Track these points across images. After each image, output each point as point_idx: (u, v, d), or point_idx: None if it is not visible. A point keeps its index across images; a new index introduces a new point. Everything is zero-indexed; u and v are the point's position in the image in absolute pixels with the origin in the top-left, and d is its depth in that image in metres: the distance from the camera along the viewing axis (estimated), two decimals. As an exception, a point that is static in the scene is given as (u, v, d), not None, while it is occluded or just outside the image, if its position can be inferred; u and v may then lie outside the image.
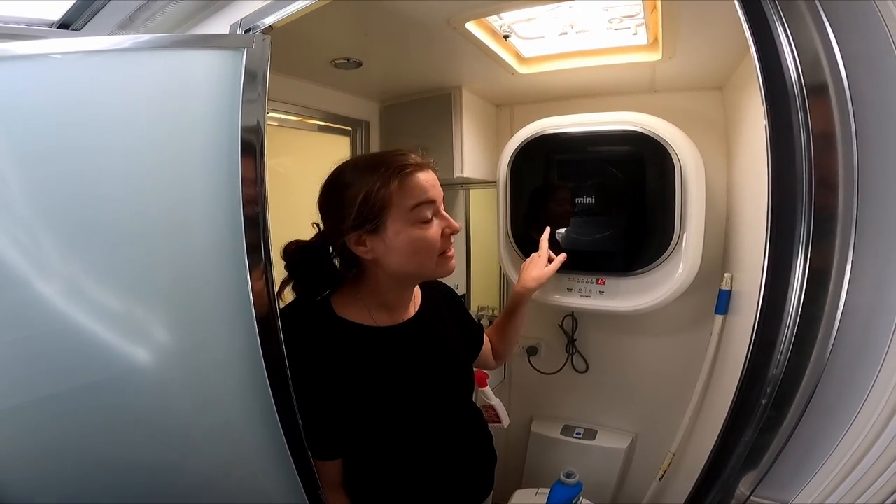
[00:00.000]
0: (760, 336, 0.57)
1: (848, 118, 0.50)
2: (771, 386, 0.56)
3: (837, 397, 0.53)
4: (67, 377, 0.77)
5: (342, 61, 1.44)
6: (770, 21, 0.56)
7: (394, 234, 0.84)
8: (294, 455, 0.81)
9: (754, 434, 0.58)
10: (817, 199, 0.52)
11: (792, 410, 0.55)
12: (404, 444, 0.90)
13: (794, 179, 0.53)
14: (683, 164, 1.35)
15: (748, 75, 1.30)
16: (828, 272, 0.52)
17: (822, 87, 0.53)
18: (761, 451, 0.59)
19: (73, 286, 0.77)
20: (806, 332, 0.53)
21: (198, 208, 0.78)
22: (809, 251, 0.52)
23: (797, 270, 0.53)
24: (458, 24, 1.21)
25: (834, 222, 0.51)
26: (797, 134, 0.53)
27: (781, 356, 0.55)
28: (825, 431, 0.55)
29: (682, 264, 1.39)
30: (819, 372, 0.53)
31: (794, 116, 0.53)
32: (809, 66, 0.53)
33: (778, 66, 0.55)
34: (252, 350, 0.77)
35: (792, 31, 0.54)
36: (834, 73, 0.52)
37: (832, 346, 0.52)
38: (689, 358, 1.60)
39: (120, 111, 0.78)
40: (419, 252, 0.85)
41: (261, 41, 0.83)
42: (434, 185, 0.86)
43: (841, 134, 0.51)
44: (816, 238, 0.52)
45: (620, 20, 1.28)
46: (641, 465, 1.80)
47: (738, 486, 0.63)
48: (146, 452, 0.81)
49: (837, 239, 0.51)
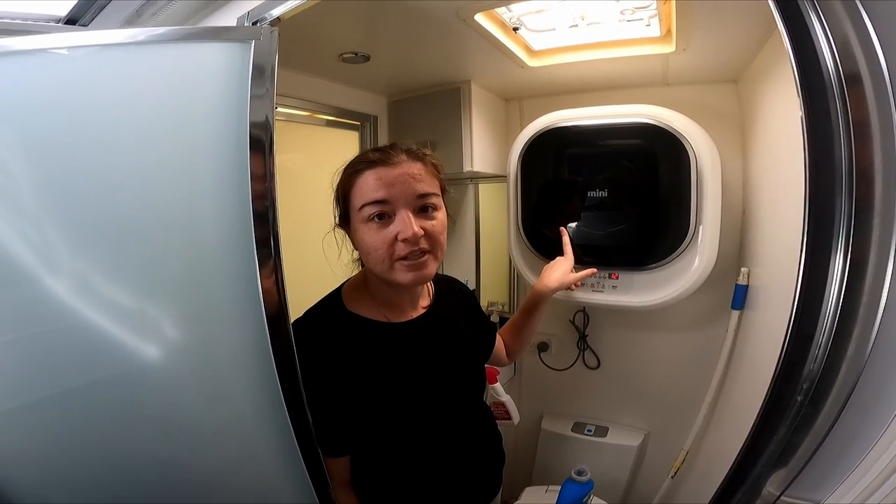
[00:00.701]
0: (797, 330, 0.55)
1: (888, 106, 0.48)
2: (807, 382, 0.54)
3: (877, 395, 0.51)
4: (77, 374, 0.77)
5: (350, 55, 1.43)
6: (802, 7, 0.54)
7: (354, 233, 0.85)
8: (304, 452, 0.81)
9: (788, 432, 0.56)
10: (858, 190, 0.50)
11: (828, 407, 0.53)
12: (413, 443, 0.89)
13: (833, 170, 0.51)
14: (699, 156, 1.32)
15: (766, 67, 1.27)
16: (869, 265, 0.50)
17: (859, 75, 0.50)
18: (794, 450, 0.57)
19: (82, 282, 0.76)
20: (845, 326, 0.51)
21: (207, 204, 0.77)
22: (850, 243, 0.50)
23: (836, 263, 0.51)
24: (468, 16, 1.19)
25: (874, 213, 0.49)
26: (835, 124, 0.51)
27: (819, 351, 0.53)
28: (862, 431, 0.53)
29: (697, 258, 1.36)
30: (859, 368, 0.51)
31: (832, 106, 0.51)
32: (845, 53, 0.51)
33: (812, 54, 0.53)
34: (262, 346, 0.77)
35: (826, 18, 0.52)
36: (871, 60, 0.50)
37: (873, 342, 0.50)
38: (703, 354, 1.57)
39: (126, 106, 0.78)
40: (367, 253, 0.82)
41: (268, 33, 0.82)
42: (391, 184, 0.79)
43: (880, 122, 0.49)
44: (856, 229, 0.50)
45: (633, 11, 1.26)
46: (654, 462, 1.78)
47: (767, 486, 0.61)
48: (156, 449, 0.81)
49: (878, 231, 0.49)
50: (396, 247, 0.79)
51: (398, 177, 0.79)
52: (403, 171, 0.80)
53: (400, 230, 0.78)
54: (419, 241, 0.79)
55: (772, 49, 1.21)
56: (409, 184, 0.80)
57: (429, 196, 0.82)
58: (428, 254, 0.81)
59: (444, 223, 0.85)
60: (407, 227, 0.78)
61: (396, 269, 0.81)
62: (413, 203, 0.80)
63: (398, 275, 0.81)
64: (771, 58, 1.22)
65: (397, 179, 0.79)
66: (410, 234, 0.78)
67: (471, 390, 0.99)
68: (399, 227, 0.78)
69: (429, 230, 0.81)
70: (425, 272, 0.82)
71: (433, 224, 0.82)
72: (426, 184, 0.82)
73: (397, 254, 0.80)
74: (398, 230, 0.78)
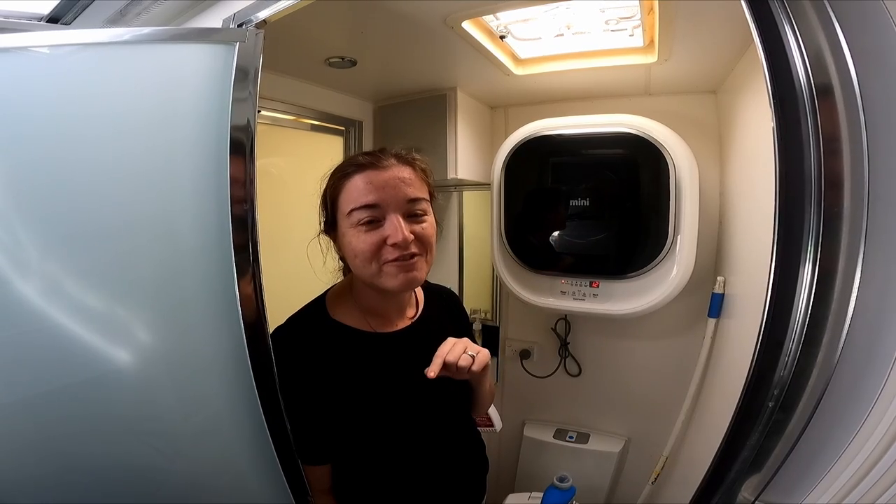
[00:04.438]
0: (768, 337, 0.56)
1: (858, 118, 0.50)
2: (778, 388, 0.55)
3: (846, 400, 0.52)
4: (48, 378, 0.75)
5: (336, 60, 1.43)
6: (777, 20, 0.55)
7: (341, 237, 0.83)
8: (282, 460, 0.80)
9: (761, 437, 0.57)
10: (826, 200, 0.51)
11: (799, 413, 0.54)
12: (395, 452, 0.88)
13: (803, 180, 0.52)
14: (678, 166, 1.35)
15: (742, 79, 1.31)
16: (837, 273, 0.51)
17: (831, 86, 0.52)
18: (767, 455, 0.58)
19: (54, 285, 0.75)
20: (815, 333, 0.53)
21: (185, 207, 0.77)
22: (819, 252, 0.52)
23: (806, 271, 0.53)
24: (455, 23, 1.20)
25: (843, 222, 0.51)
26: (805, 135, 0.53)
27: (789, 358, 0.54)
28: (833, 435, 0.54)
29: (675, 267, 1.38)
30: (828, 373, 0.52)
31: (803, 117, 0.52)
32: (817, 65, 0.53)
33: (786, 65, 0.54)
34: (239, 354, 0.76)
35: (800, 31, 0.54)
36: (842, 72, 0.51)
37: (842, 348, 0.51)
38: (681, 362, 1.60)
39: (104, 105, 0.77)
40: (355, 258, 0.80)
41: (253, 35, 0.82)
42: (381, 188, 0.78)
43: (850, 134, 0.51)
44: (826, 238, 0.51)
45: (617, 21, 1.28)
46: (634, 468, 1.79)
47: (742, 491, 0.62)
48: (132, 455, 0.80)
49: (847, 239, 0.51)
50: (385, 251, 0.78)
51: (388, 180, 0.78)
52: (393, 175, 0.79)
53: (390, 234, 0.77)
54: (409, 245, 0.78)
55: (749, 61, 1.24)
56: (399, 188, 0.78)
57: (419, 201, 0.81)
58: (418, 256, 0.80)
59: (434, 227, 0.84)
60: (397, 231, 0.76)
61: (385, 273, 0.79)
62: (403, 207, 0.79)
63: (386, 279, 0.79)
64: (748, 69, 1.25)
65: (387, 183, 0.78)
66: (401, 239, 0.76)
67: (453, 404, 0.96)
68: (389, 232, 0.77)
69: (419, 233, 0.80)
70: (415, 274, 0.80)
71: (423, 227, 0.81)
72: (416, 188, 0.81)
73: (385, 258, 0.78)
74: (388, 234, 0.77)
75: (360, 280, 0.85)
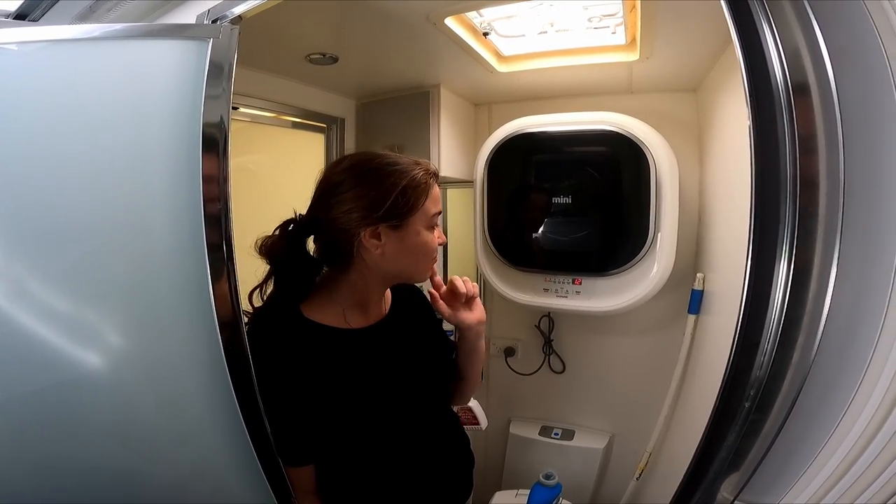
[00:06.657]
0: (743, 338, 0.56)
1: (834, 117, 0.50)
2: (754, 389, 0.55)
3: (822, 399, 0.53)
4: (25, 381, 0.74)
5: (318, 56, 1.41)
6: (756, 19, 0.55)
7: (414, 234, 0.86)
8: (263, 462, 0.79)
9: (738, 438, 0.57)
10: (802, 199, 0.51)
11: (775, 413, 0.54)
12: (379, 449, 0.88)
13: (778, 179, 0.52)
14: (658, 164, 1.35)
15: (722, 78, 1.31)
16: (812, 273, 0.51)
17: (807, 85, 0.52)
18: (744, 455, 0.58)
19: (21, 288, 0.73)
20: (790, 333, 0.53)
21: (156, 205, 0.75)
22: (794, 251, 0.52)
23: (781, 271, 0.53)
24: (438, 19, 1.19)
25: (818, 221, 0.51)
26: (781, 133, 0.52)
27: (765, 358, 0.54)
28: (809, 434, 0.54)
29: (656, 264, 1.39)
30: (804, 374, 0.52)
31: (779, 115, 0.52)
32: (794, 64, 0.53)
33: (763, 64, 0.54)
34: (215, 354, 0.74)
35: (778, 30, 0.53)
36: (820, 71, 0.51)
37: (817, 348, 0.51)
38: (663, 358, 1.61)
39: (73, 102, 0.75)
40: (424, 255, 0.89)
41: (228, 31, 0.80)
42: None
43: (826, 133, 0.51)
44: (801, 238, 0.51)
45: (600, 19, 1.28)
46: (619, 464, 1.81)
47: (721, 490, 0.62)
48: (110, 458, 0.79)
49: (822, 239, 0.51)
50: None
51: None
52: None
53: (440, 237, 0.91)
54: None
55: (729, 59, 1.25)
56: None
57: None
58: None
59: None
60: (442, 235, 0.93)
61: (427, 267, 0.92)
62: None
63: (425, 272, 0.93)
64: (727, 68, 1.26)
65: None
66: (445, 241, 0.96)
67: (433, 394, 0.99)
68: (439, 235, 0.91)
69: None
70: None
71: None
72: None
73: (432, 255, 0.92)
74: (439, 237, 0.91)
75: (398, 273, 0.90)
